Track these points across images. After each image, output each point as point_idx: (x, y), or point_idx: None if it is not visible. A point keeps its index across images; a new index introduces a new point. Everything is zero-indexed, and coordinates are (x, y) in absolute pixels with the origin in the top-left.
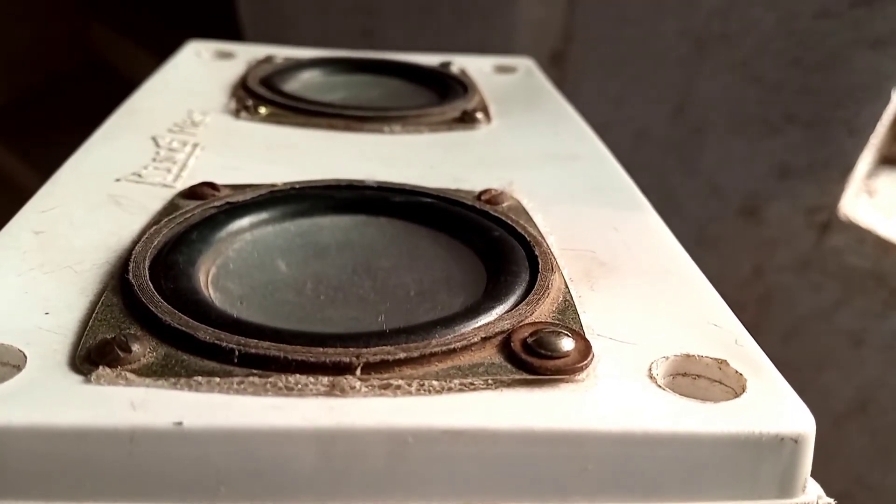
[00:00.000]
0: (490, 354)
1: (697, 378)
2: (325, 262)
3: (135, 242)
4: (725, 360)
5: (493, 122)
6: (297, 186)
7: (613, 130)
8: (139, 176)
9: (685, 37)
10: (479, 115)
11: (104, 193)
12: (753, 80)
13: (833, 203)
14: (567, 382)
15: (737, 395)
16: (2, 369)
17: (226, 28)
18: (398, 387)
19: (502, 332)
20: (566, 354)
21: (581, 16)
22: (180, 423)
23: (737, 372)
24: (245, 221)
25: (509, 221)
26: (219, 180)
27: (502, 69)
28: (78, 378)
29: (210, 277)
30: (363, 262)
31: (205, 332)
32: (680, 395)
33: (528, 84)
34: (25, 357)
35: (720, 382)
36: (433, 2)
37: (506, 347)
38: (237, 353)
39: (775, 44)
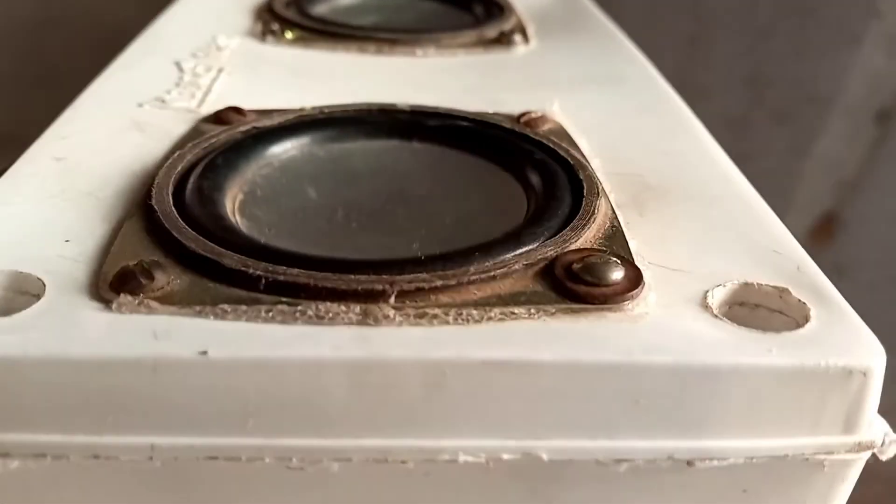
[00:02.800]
0: (532, 282)
1: (756, 307)
2: (357, 189)
3: (158, 168)
4: (787, 289)
5: (531, 43)
6: (326, 111)
7: None
8: (162, 101)
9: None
10: (517, 37)
11: (126, 118)
12: None
13: None
14: (615, 312)
15: (799, 326)
16: (21, 298)
17: None
18: (434, 316)
19: (545, 258)
20: (615, 282)
21: None
22: (205, 353)
23: (799, 301)
24: (272, 147)
25: (551, 145)
26: (244, 105)
27: None
28: (98, 306)
29: (237, 204)
30: (396, 189)
31: (231, 259)
32: (738, 325)
33: (569, 4)
34: (44, 285)
35: (781, 312)
36: None
37: (549, 275)
38: (265, 279)
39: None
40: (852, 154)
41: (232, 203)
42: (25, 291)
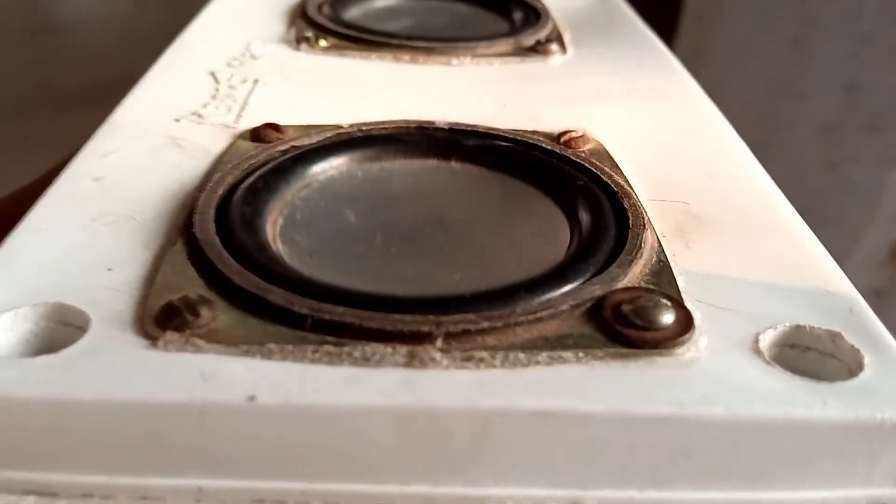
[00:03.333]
0: (579, 323)
1: (807, 350)
2: (396, 211)
3: (198, 189)
4: (839, 333)
5: (568, 52)
6: (364, 129)
7: None
8: (199, 116)
9: None
10: (554, 46)
11: (164, 135)
12: None
13: None
14: (665, 357)
15: (852, 373)
16: (65, 330)
17: None
18: (481, 359)
19: (592, 298)
20: (665, 326)
21: None
22: (253, 398)
23: (853, 346)
24: (311, 167)
25: (593, 168)
26: (281, 119)
27: None
28: (144, 343)
29: (278, 229)
30: (435, 212)
31: (276, 295)
32: (790, 371)
33: (606, 10)
34: (89, 318)
35: (833, 356)
36: None
37: (597, 316)
38: (311, 318)
39: None
40: None
41: (273, 228)
42: (69, 323)
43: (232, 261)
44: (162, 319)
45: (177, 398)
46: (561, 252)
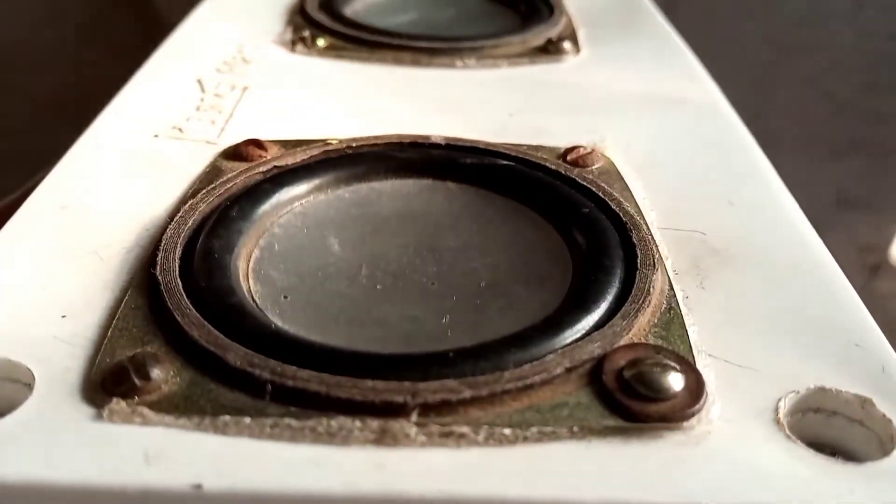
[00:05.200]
0: (576, 390)
1: (833, 415)
2: (384, 238)
3: (170, 218)
4: (870, 399)
5: (582, 52)
6: (354, 145)
7: None
8: (180, 130)
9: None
10: (567, 45)
11: (141, 153)
12: (826, 96)
13: (886, 244)
14: (673, 430)
15: (883, 447)
16: (11, 387)
17: None
18: (462, 435)
19: (591, 359)
20: (673, 395)
21: None
22: (199, 487)
23: (885, 416)
24: (293, 190)
25: (601, 193)
26: (269, 132)
27: None
28: (89, 412)
29: (252, 263)
30: (427, 240)
31: (235, 355)
32: (813, 444)
33: (625, 2)
34: (34, 378)
35: (861, 423)
36: None
37: (596, 380)
38: (271, 385)
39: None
40: None
41: (246, 263)
42: (16, 380)
43: (192, 310)
44: (109, 383)
45: (116, 482)
46: (561, 290)
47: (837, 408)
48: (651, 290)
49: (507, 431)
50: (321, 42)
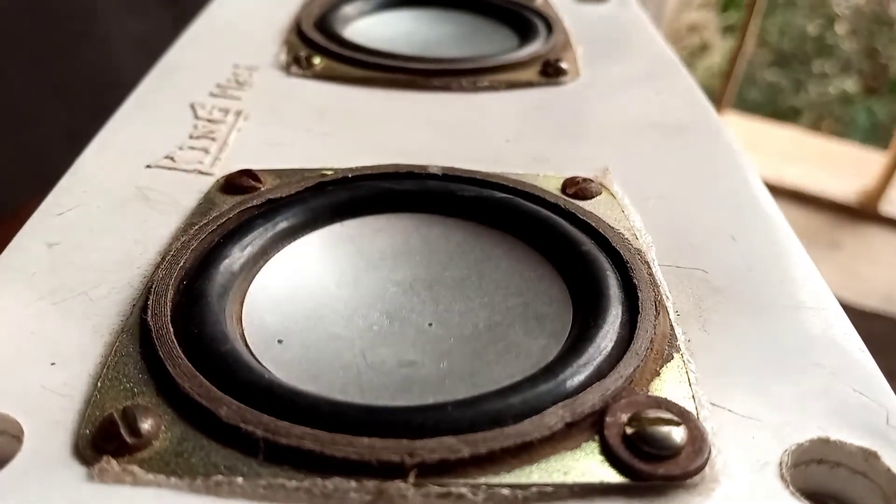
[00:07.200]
0: (576, 445)
1: (836, 466)
2: (380, 275)
3: (162, 257)
4: (874, 452)
5: (581, 74)
6: (350, 175)
7: None
8: (172, 160)
9: None
10: (565, 65)
11: (132, 185)
12: None
13: None
14: (676, 488)
15: (887, 500)
16: (1, 440)
17: None
18: (460, 496)
19: (593, 413)
20: (677, 451)
21: None
22: None
23: (889, 469)
24: (287, 225)
25: (600, 229)
26: (263, 160)
27: None
28: (80, 471)
29: (245, 306)
30: (424, 278)
31: (228, 409)
32: (816, 494)
33: (623, 18)
34: (23, 431)
35: (865, 475)
36: None
37: (597, 433)
38: (264, 443)
39: None
40: None
41: (239, 305)
42: (4, 431)
43: (183, 360)
44: (100, 440)
45: None
46: (561, 333)
47: (841, 459)
48: (653, 336)
49: (506, 492)
50: (317, 61)
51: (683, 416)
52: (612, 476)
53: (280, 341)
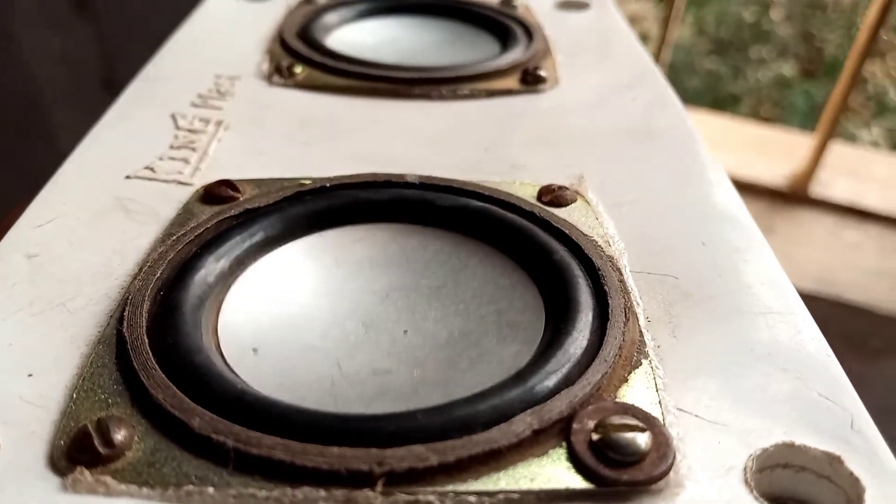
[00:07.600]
0: (544, 452)
1: (801, 471)
2: (357, 285)
3: (139, 268)
4: (839, 457)
5: (560, 81)
6: (328, 185)
7: None
8: (152, 170)
9: None
10: (544, 73)
11: (111, 196)
12: None
13: None
14: (640, 493)
15: None
16: None
17: None
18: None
19: (560, 420)
20: (642, 457)
21: None
22: None
23: (852, 473)
24: (265, 235)
25: (574, 236)
26: (243, 170)
27: (572, 5)
28: (53, 482)
29: (221, 316)
30: (401, 287)
31: (201, 420)
32: (780, 498)
33: (603, 25)
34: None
35: (829, 479)
36: None
37: (565, 440)
38: (234, 453)
39: None
40: None
41: (215, 315)
42: None
43: (158, 371)
44: (74, 451)
45: None
46: (533, 340)
47: (806, 464)
48: (622, 343)
49: (473, 500)
50: (299, 69)
51: (649, 422)
52: (578, 482)
53: (255, 350)
